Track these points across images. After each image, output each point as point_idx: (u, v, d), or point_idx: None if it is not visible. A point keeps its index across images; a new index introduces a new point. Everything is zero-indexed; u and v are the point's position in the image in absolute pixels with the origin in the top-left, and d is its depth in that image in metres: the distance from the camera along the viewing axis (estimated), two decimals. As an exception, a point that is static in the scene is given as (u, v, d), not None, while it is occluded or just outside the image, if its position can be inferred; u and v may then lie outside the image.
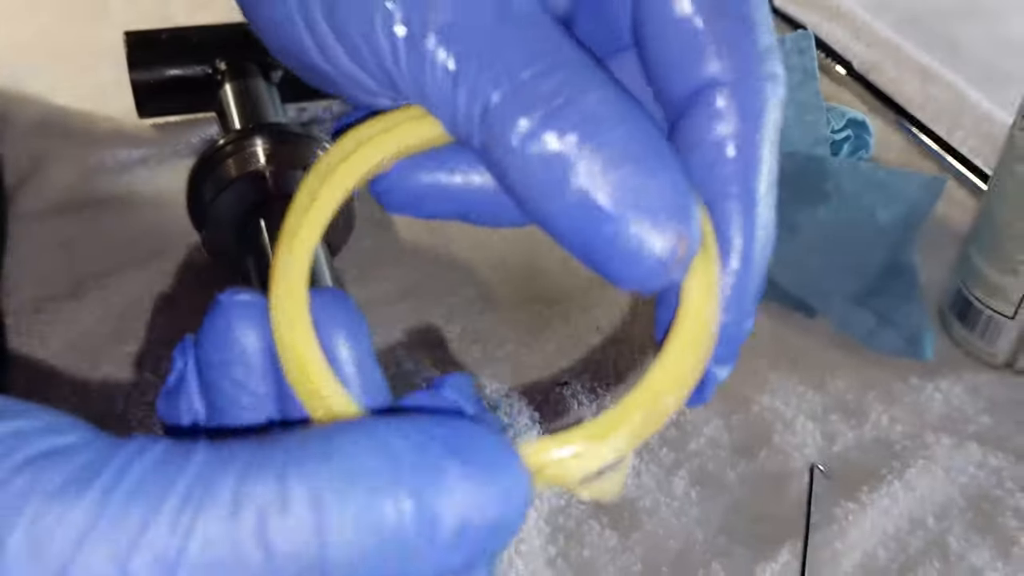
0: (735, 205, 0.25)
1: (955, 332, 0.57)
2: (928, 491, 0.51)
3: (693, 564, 0.48)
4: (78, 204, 0.64)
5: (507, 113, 0.22)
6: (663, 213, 0.23)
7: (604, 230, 0.23)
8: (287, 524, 0.19)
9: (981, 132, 0.71)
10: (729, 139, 0.25)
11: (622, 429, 0.24)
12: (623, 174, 0.22)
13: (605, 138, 0.22)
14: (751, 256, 0.26)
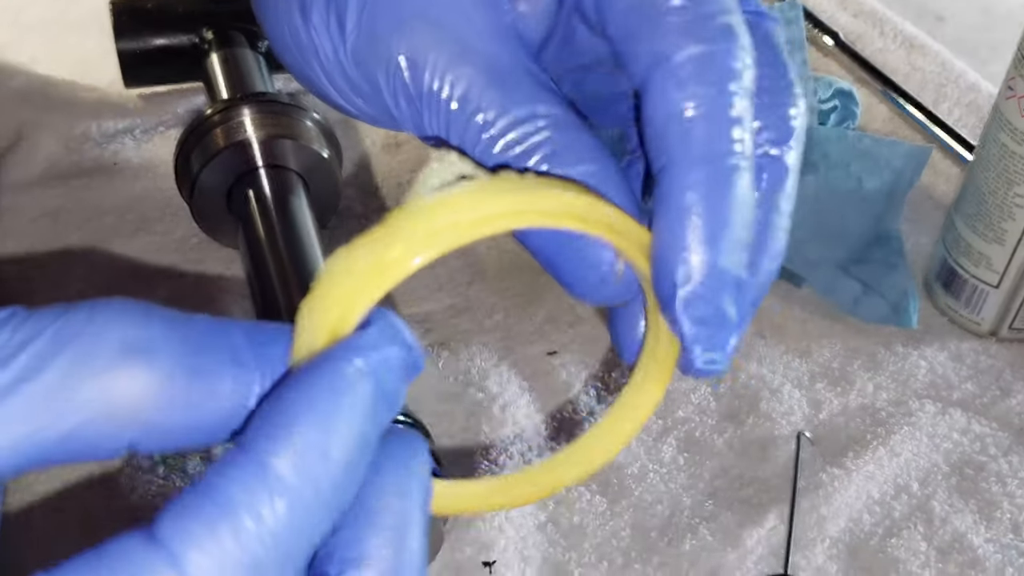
0: (685, 164, 0.26)
1: (940, 300, 0.58)
2: (912, 457, 0.52)
3: (681, 529, 0.49)
4: (64, 174, 0.64)
5: (488, 159, 0.26)
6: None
7: (570, 244, 0.27)
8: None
9: (966, 102, 0.71)
10: (681, 103, 0.26)
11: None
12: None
13: (572, 170, 0.26)
14: (709, 209, 0.26)
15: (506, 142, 0.26)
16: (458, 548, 0.47)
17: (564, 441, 0.52)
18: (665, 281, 0.26)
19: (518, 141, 0.26)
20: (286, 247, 0.52)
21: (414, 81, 0.27)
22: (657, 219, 0.26)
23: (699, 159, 0.25)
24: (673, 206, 0.25)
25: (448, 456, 0.50)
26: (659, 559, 0.48)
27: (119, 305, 0.23)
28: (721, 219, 0.26)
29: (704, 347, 0.27)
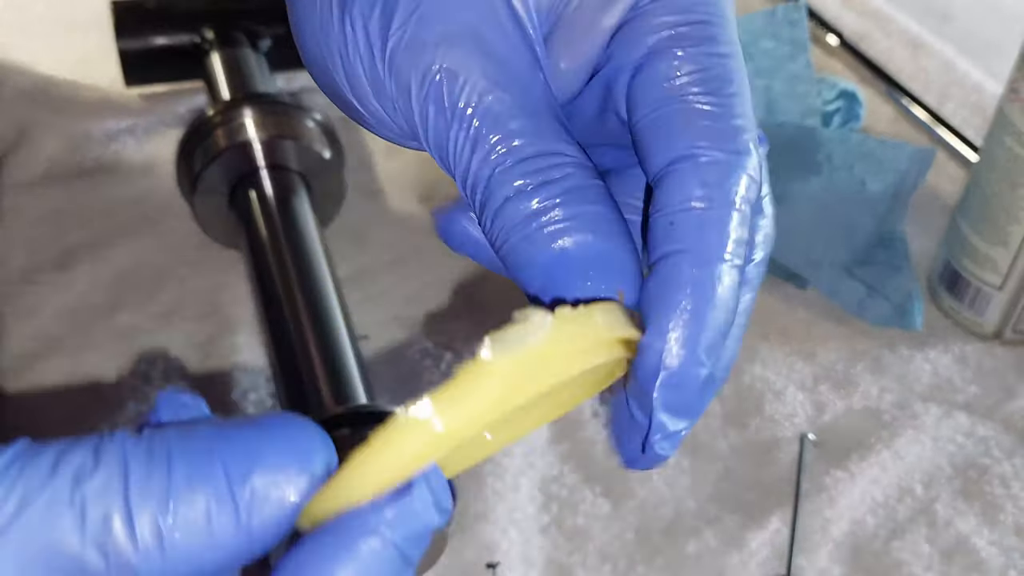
0: (688, 258, 0.26)
1: (944, 302, 0.58)
2: (916, 460, 0.52)
3: (685, 531, 0.49)
4: (66, 174, 0.64)
5: (502, 184, 0.27)
6: (613, 274, 0.26)
7: (561, 293, 0.26)
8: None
9: (971, 103, 0.71)
10: (694, 201, 0.27)
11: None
12: (587, 240, 0.26)
13: (584, 208, 0.26)
14: (700, 309, 0.26)
15: (527, 171, 0.27)
16: (461, 551, 0.47)
17: (568, 444, 0.52)
18: (649, 367, 0.26)
19: (540, 172, 0.27)
20: (288, 248, 0.52)
21: (449, 93, 0.27)
22: (652, 308, 0.27)
23: (703, 257, 0.26)
24: (670, 299, 0.26)
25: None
26: (663, 561, 0.47)
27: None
28: (710, 318, 0.26)
29: (664, 435, 0.27)
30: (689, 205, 0.26)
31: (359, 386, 0.48)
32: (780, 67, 0.58)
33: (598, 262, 0.26)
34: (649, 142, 0.28)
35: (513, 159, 0.27)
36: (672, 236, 0.26)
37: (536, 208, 0.26)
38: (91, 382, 0.53)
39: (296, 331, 0.49)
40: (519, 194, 0.27)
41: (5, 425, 0.52)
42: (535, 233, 0.26)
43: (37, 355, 0.54)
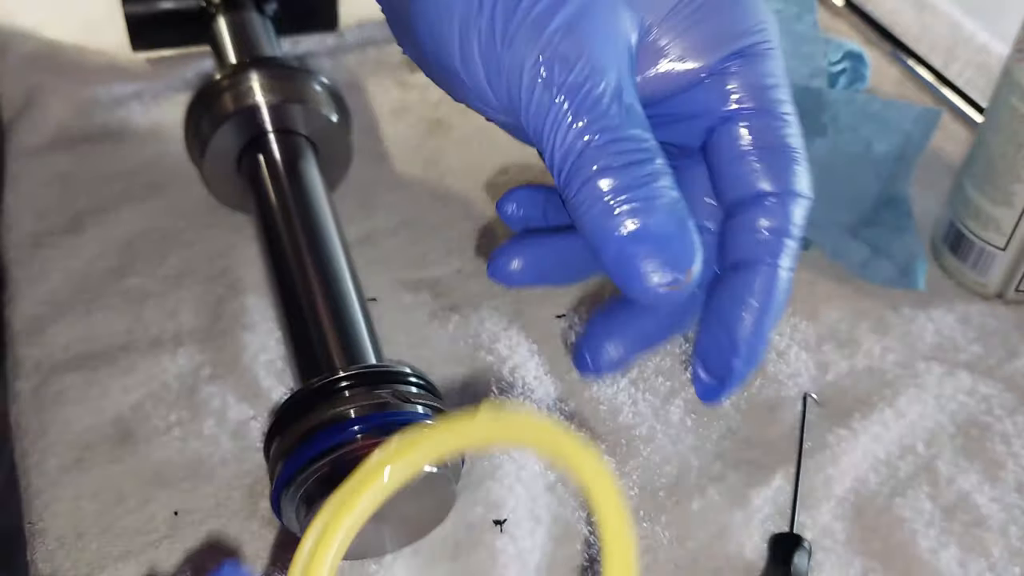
0: (764, 269, 0.35)
1: (947, 263, 0.58)
2: (918, 418, 0.52)
3: (689, 489, 0.49)
4: (74, 139, 0.64)
5: (593, 159, 0.30)
6: (678, 261, 0.32)
7: (636, 264, 0.31)
8: None
9: (977, 63, 0.71)
10: (765, 231, 0.35)
11: None
12: (660, 222, 0.31)
13: (652, 209, 0.31)
14: (767, 315, 0.36)
15: (618, 151, 0.31)
16: (469, 507, 0.48)
17: (573, 403, 0.52)
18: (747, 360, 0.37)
19: (628, 153, 0.31)
20: (297, 210, 0.53)
21: (561, 72, 0.31)
22: (731, 300, 0.35)
23: (771, 264, 0.35)
24: (744, 299, 0.35)
25: (458, 418, 0.51)
26: (667, 518, 0.48)
27: None
28: (773, 314, 0.36)
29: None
30: (759, 231, 0.35)
31: (368, 347, 0.49)
32: (787, 28, 0.57)
33: (667, 243, 0.31)
34: (725, 181, 0.35)
35: (606, 138, 0.30)
36: (747, 250, 0.35)
37: (619, 184, 0.30)
38: (102, 345, 0.54)
39: (305, 293, 0.50)
40: (607, 169, 0.30)
41: (18, 389, 0.52)
42: (617, 207, 0.30)
43: (47, 318, 0.55)
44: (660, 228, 0.31)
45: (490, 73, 0.31)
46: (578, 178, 0.31)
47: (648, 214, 0.31)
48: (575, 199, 0.31)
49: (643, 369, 0.54)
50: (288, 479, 0.43)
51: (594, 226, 0.31)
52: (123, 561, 0.46)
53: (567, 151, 0.31)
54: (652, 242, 0.31)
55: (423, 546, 0.47)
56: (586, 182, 0.31)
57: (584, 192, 0.31)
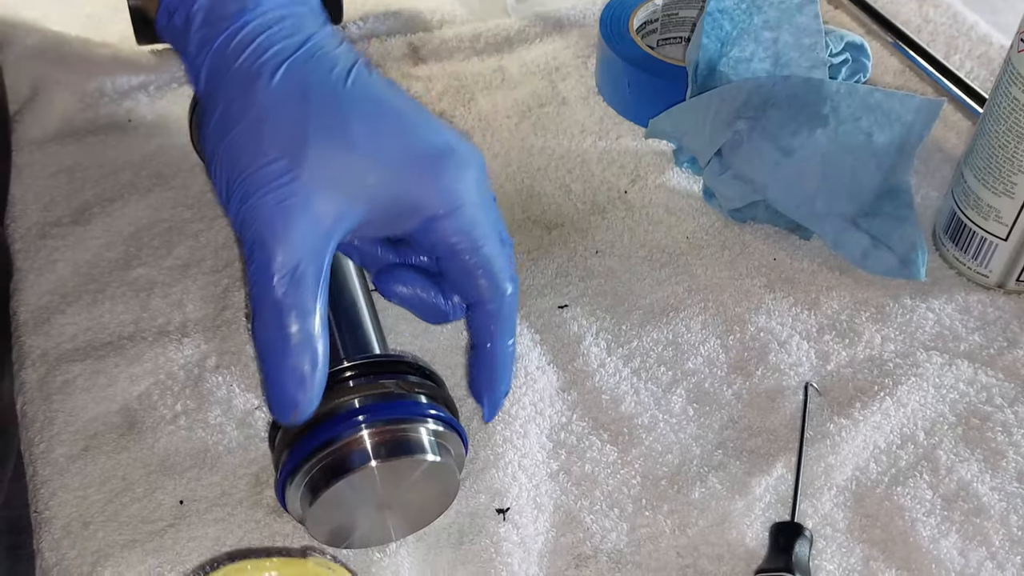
0: (491, 347, 0.48)
1: (948, 253, 0.58)
2: (919, 407, 0.52)
3: (690, 477, 0.50)
4: (80, 131, 0.65)
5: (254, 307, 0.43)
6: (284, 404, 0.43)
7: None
8: None
9: (978, 55, 0.71)
10: (490, 324, 0.47)
11: None
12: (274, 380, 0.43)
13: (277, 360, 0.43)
14: (503, 374, 0.49)
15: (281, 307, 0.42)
16: (472, 495, 0.48)
17: (575, 393, 0.53)
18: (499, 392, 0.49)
19: (287, 312, 0.42)
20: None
21: (260, 250, 0.43)
22: (478, 369, 0.49)
23: (503, 346, 0.48)
24: (498, 362, 0.48)
25: (463, 407, 0.51)
26: (669, 507, 0.49)
27: None
28: (507, 373, 0.49)
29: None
30: (485, 326, 0.47)
31: (372, 338, 0.49)
32: (788, 19, 0.58)
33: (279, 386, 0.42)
34: (459, 292, 0.47)
35: (267, 303, 0.42)
36: (482, 336, 0.47)
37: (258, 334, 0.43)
38: (109, 335, 0.54)
39: (309, 283, 0.50)
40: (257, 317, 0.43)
41: (25, 379, 0.53)
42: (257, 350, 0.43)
43: (54, 308, 0.55)
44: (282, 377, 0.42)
45: (230, 214, 0.43)
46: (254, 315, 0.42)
47: (275, 362, 0.42)
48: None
49: (645, 359, 0.54)
50: (293, 468, 0.44)
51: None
52: (129, 549, 0.46)
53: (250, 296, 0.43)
54: (274, 385, 0.42)
55: (427, 534, 0.47)
56: (257, 329, 0.42)
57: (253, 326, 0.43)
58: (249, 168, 0.42)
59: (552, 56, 0.70)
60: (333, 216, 0.42)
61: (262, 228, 0.41)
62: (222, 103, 0.43)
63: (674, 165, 0.64)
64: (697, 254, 0.59)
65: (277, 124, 0.42)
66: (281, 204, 0.41)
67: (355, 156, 0.43)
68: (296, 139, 0.42)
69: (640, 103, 0.65)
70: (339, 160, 0.43)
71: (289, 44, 0.44)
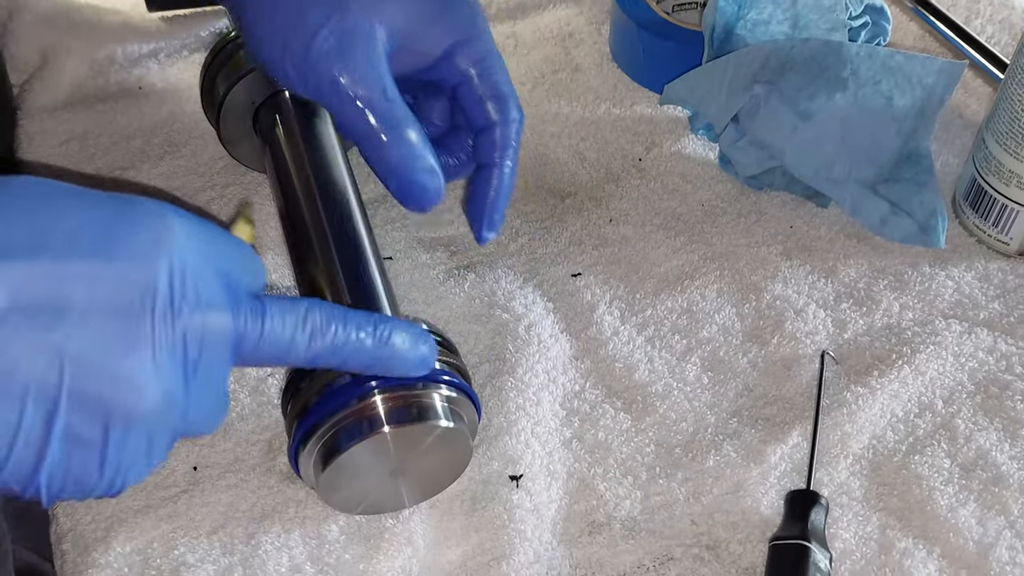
0: (498, 168, 0.50)
1: (968, 220, 0.58)
2: (937, 375, 0.52)
3: (705, 445, 0.49)
4: (90, 98, 0.64)
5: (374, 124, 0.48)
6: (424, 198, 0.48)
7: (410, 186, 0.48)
8: None
9: (999, 19, 0.70)
10: (498, 145, 0.50)
11: None
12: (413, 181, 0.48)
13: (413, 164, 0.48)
14: (501, 194, 0.51)
15: (393, 115, 0.46)
16: (486, 462, 0.48)
17: (589, 361, 0.52)
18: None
19: (399, 117, 0.47)
20: (312, 168, 0.52)
21: (350, 83, 0.46)
22: (481, 185, 0.51)
23: (500, 164, 0.50)
24: (500, 183, 0.50)
25: (476, 375, 0.51)
26: (683, 475, 0.48)
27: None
28: (505, 193, 0.51)
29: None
30: (493, 147, 0.50)
31: (385, 304, 0.49)
32: (806, -17, 0.57)
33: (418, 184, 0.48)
34: (469, 117, 0.50)
35: (380, 115, 0.46)
36: (488, 157, 0.50)
37: (383, 143, 0.47)
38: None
39: (322, 251, 0.50)
40: (378, 128, 0.47)
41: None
42: (390, 157, 0.47)
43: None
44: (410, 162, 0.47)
45: (302, 82, 0.46)
46: (375, 131, 0.46)
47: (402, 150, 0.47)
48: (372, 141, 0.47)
49: (659, 327, 0.54)
50: (306, 434, 0.43)
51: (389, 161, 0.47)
52: (142, 515, 0.46)
53: (359, 125, 0.46)
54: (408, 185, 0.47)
55: (440, 501, 0.47)
56: (371, 140, 0.47)
57: (374, 139, 0.47)
58: (301, 28, 0.45)
59: (566, 22, 0.69)
60: (386, 36, 0.47)
61: (335, 70, 0.45)
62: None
63: (689, 132, 0.63)
64: (713, 222, 0.59)
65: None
66: (346, 37, 0.45)
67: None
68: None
69: (655, 69, 0.64)
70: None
71: None
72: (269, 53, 0.46)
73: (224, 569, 0.45)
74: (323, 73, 0.45)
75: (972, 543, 0.46)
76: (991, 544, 0.46)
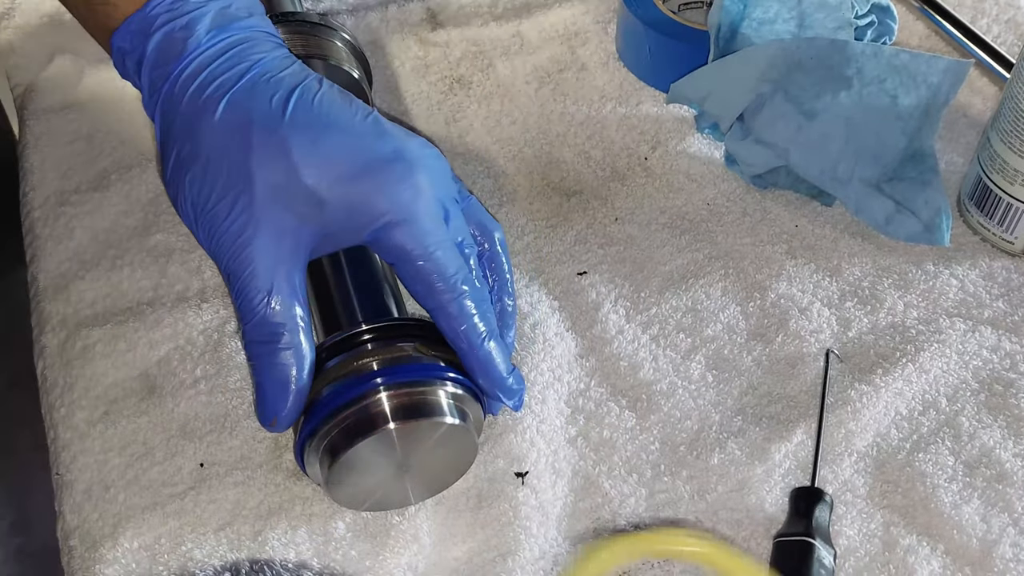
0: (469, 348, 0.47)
1: (973, 219, 0.58)
2: (941, 373, 0.52)
3: (710, 443, 0.49)
4: (97, 97, 0.64)
5: (249, 335, 0.46)
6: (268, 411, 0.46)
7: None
8: None
9: (1005, 19, 0.70)
10: (447, 330, 0.47)
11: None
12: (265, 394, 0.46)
13: (265, 371, 0.46)
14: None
15: (269, 327, 0.45)
16: (491, 460, 0.48)
17: (594, 359, 0.53)
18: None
19: (276, 329, 0.45)
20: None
21: (235, 280, 0.46)
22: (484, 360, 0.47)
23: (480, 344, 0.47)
24: (482, 361, 0.46)
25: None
26: (687, 472, 0.48)
27: None
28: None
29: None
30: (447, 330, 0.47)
31: (391, 302, 0.49)
32: (811, -18, 0.57)
33: (266, 399, 0.45)
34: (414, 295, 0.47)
35: (254, 323, 0.45)
36: (457, 339, 0.46)
37: (253, 355, 0.46)
38: (128, 301, 0.54)
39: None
40: (250, 343, 0.46)
41: (45, 344, 0.53)
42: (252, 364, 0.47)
43: (73, 275, 0.55)
44: (267, 388, 0.45)
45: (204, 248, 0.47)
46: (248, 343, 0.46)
47: (263, 374, 0.45)
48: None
49: (664, 326, 0.54)
50: (312, 431, 0.44)
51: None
52: (150, 512, 0.47)
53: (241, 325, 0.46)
54: (260, 395, 0.45)
55: (446, 498, 0.47)
56: (246, 346, 0.46)
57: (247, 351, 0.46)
58: (207, 206, 0.45)
59: (571, 21, 0.70)
60: (292, 238, 0.45)
61: (230, 262, 0.45)
62: (176, 145, 0.46)
63: (695, 131, 0.63)
64: (718, 221, 0.59)
65: (222, 163, 0.45)
66: (240, 237, 0.44)
67: (301, 179, 0.45)
68: (242, 174, 0.45)
69: (661, 68, 0.64)
70: (286, 186, 0.45)
71: (230, 77, 0.46)
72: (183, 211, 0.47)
73: (231, 565, 0.45)
74: (221, 259, 0.45)
75: (976, 540, 0.46)
76: (995, 541, 0.46)
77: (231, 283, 0.45)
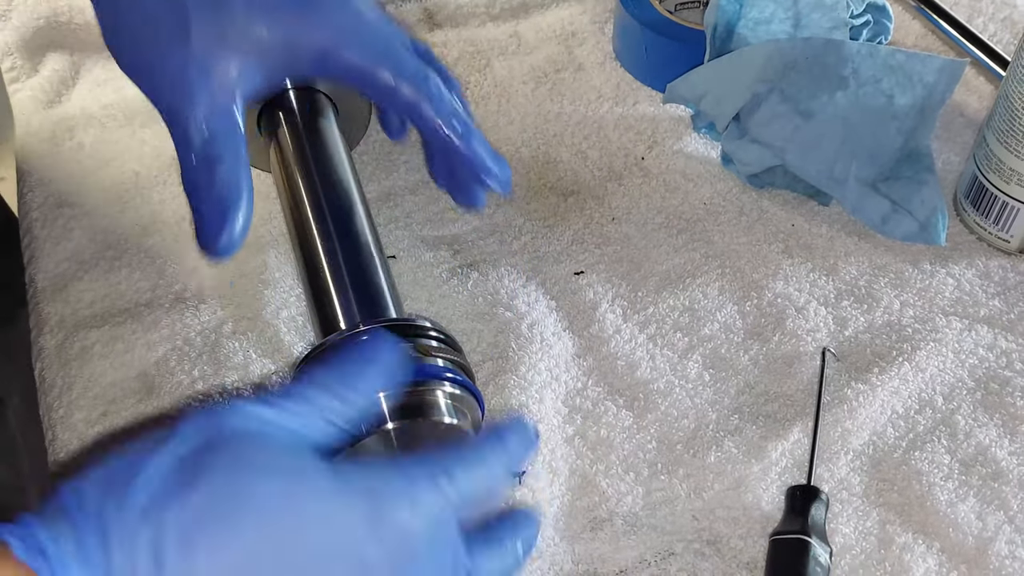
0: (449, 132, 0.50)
1: (969, 218, 0.58)
2: (937, 372, 0.52)
3: (706, 442, 0.50)
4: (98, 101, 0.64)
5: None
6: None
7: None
8: None
9: (1001, 18, 0.70)
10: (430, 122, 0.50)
11: None
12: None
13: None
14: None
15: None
16: (488, 460, 0.48)
17: (591, 359, 0.53)
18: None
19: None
20: (317, 167, 0.53)
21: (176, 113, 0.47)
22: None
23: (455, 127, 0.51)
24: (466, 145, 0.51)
25: (479, 373, 0.51)
26: (684, 471, 0.49)
27: None
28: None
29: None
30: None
31: (388, 302, 0.49)
32: (807, -18, 0.57)
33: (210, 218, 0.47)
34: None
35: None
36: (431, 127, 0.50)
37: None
38: (126, 302, 0.54)
39: (326, 249, 0.50)
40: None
41: (43, 345, 0.53)
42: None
43: (72, 276, 0.55)
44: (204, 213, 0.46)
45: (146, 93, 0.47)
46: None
47: (201, 200, 0.46)
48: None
49: (661, 325, 0.54)
50: (309, 431, 0.44)
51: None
52: (149, 511, 0.47)
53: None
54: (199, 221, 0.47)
55: (443, 497, 0.47)
56: (183, 175, 0.47)
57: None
58: (149, 50, 0.47)
59: (568, 21, 0.70)
60: (234, 71, 0.47)
61: (170, 96, 0.46)
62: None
63: (692, 130, 0.63)
64: (714, 220, 0.59)
65: (158, 6, 0.47)
66: (181, 73, 0.46)
67: (235, 14, 0.47)
68: (179, 13, 0.46)
69: (658, 68, 0.64)
70: (220, 21, 0.47)
71: None
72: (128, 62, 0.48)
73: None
74: (163, 96, 0.47)
75: (971, 538, 0.46)
76: (990, 539, 0.46)
77: (171, 117, 0.46)
